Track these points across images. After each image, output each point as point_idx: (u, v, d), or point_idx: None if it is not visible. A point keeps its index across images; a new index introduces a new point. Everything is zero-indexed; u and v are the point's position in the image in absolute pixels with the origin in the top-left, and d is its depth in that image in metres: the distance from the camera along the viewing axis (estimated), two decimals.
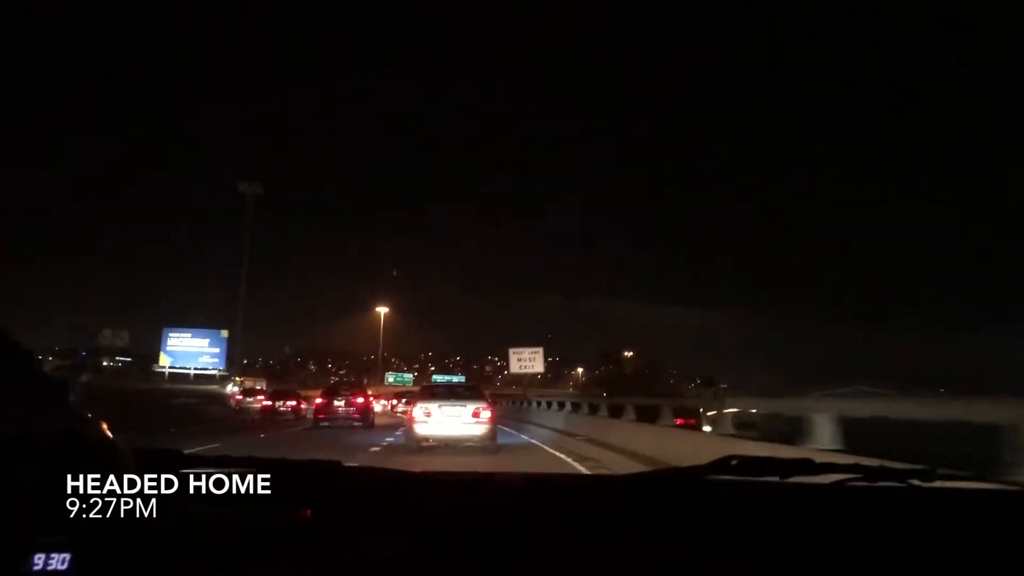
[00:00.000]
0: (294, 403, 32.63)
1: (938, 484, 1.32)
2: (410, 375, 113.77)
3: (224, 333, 65.63)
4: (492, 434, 14.33)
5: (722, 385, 63.88)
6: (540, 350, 41.09)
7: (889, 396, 18.21)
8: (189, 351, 69.86)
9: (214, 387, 54.35)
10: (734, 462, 1.38)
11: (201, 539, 1.11)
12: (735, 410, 14.94)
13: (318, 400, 26.51)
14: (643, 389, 50.92)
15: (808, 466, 1.37)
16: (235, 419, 30.75)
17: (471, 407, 14.25)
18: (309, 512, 1.13)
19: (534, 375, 46.87)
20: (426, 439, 14.21)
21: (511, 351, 40.88)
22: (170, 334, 72.32)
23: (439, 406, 14.30)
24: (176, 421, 22.75)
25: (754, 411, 16.61)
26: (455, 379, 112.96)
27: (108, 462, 1.32)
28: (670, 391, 50.13)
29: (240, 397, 40.80)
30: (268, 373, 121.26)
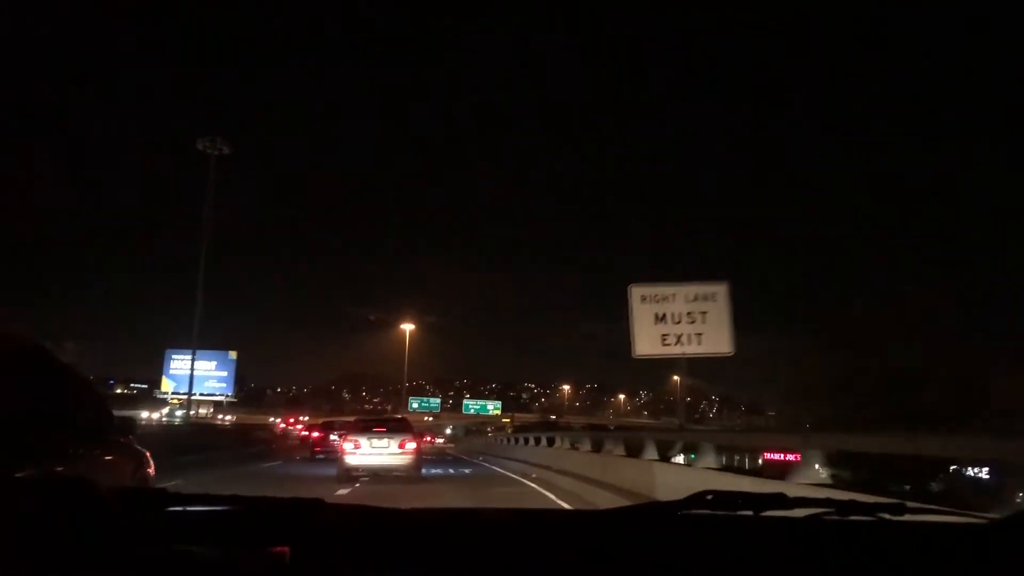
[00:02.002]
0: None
1: (907, 518, 1.47)
2: (436, 400, 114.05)
3: (232, 355, 65.70)
4: (417, 464, 16.72)
5: None
6: (723, 289, 15.55)
7: None
8: (193, 375, 70.22)
9: (137, 412, 55.06)
10: (709, 496, 1.54)
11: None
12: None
13: (315, 435, 32.35)
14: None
15: (781, 501, 1.53)
16: (283, 442, 42.84)
17: (397, 439, 16.60)
18: (287, 550, 1.21)
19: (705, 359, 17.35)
20: (355, 468, 16.37)
21: (633, 290, 15.59)
22: (173, 356, 72.81)
23: (367, 438, 16.60)
24: (233, 444, 30.24)
25: None
26: (489, 404, 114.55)
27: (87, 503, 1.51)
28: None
29: (283, 426, 53.86)
30: (285, 402, 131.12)
